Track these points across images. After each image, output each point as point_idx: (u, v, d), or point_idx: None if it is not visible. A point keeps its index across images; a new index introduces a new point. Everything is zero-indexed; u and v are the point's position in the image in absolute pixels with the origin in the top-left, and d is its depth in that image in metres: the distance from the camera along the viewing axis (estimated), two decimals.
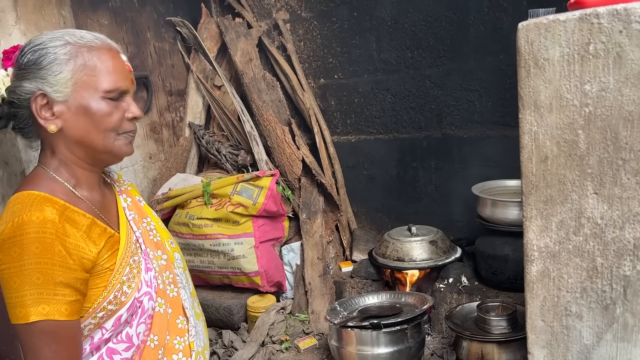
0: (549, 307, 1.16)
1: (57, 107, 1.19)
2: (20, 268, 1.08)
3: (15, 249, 1.09)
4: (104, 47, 1.23)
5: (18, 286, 1.08)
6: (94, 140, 1.22)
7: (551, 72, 1.10)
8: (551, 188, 1.13)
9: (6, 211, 1.16)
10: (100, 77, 1.20)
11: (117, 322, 1.22)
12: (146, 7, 2.69)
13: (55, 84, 1.18)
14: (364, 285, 2.47)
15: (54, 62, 1.18)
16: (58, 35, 1.21)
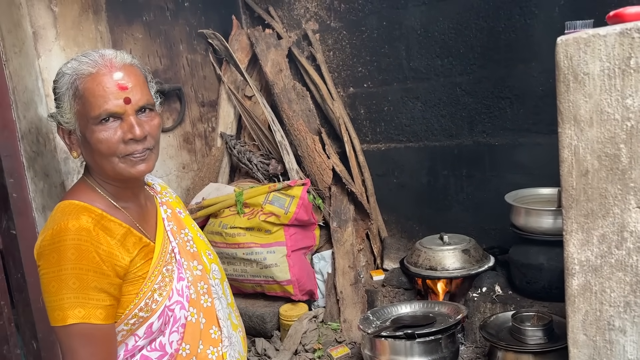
0: (591, 321, 1.16)
1: (72, 135, 1.24)
2: (58, 273, 1.13)
3: (54, 255, 1.14)
4: (95, 71, 1.21)
5: (56, 290, 1.13)
6: (101, 165, 1.24)
7: (591, 87, 1.10)
8: (592, 202, 1.13)
9: (50, 219, 1.22)
10: (87, 104, 1.20)
11: (148, 329, 1.25)
12: (179, 20, 2.74)
13: (63, 114, 1.22)
14: (395, 294, 2.47)
15: (59, 94, 1.23)
16: (63, 68, 1.24)
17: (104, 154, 1.21)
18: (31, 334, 2.26)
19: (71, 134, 1.24)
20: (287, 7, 3.01)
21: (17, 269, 2.23)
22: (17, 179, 2.22)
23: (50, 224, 1.18)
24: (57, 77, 1.25)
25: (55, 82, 1.24)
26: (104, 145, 1.21)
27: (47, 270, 1.15)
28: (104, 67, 1.20)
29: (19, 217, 2.21)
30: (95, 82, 1.20)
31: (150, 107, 1.24)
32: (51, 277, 1.14)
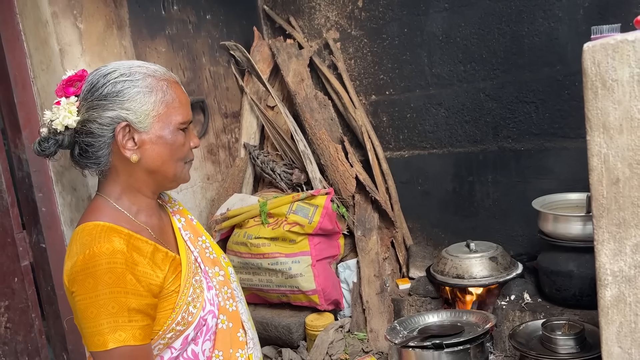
0: (626, 333, 1.13)
1: (138, 137, 1.23)
2: (96, 298, 1.13)
3: (89, 280, 1.13)
4: (172, 80, 1.28)
5: (95, 316, 1.13)
6: (168, 169, 1.27)
7: (620, 93, 1.08)
8: (624, 211, 1.10)
9: (75, 243, 1.20)
10: (174, 109, 1.25)
11: (184, 341, 1.27)
12: (201, 33, 2.77)
13: (139, 115, 1.22)
14: (422, 303, 2.45)
15: (139, 94, 1.22)
16: (134, 67, 1.25)
17: (178, 157, 1.28)
18: (62, 346, 2.30)
19: (135, 135, 1.23)
20: (308, 17, 3.02)
21: (47, 282, 2.27)
22: (45, 193, 2.26)
23: (80, 248, 1.17)
24: (128, 78, 1.23)
25: (124, 81, 1.22)
26: (184, 148, 1.28)
27: (83, 296, 1.14)
28: (175, 78, 1.30)
29: (48, 230, 2.25)
30: (179, 90, 1.28)
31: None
32: (88, 303, 1.13)
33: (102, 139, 1.23)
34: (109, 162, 1.25)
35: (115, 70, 1.24)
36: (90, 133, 1.22)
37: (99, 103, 1.22)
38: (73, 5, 2.19)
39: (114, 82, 1.22)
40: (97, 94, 1.22)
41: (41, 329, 2.24)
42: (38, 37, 2.17)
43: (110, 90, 1.22)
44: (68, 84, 1.27)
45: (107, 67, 1.26)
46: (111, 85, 1.22)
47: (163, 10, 2.59)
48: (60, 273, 2.28)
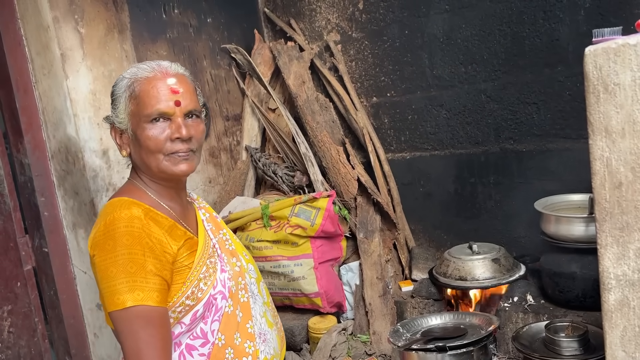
0: (630, 337, 1.13)
1: (124, 135, 1.37)
2: (115, 259, 1.21)
3: (109, 242, 1.22)
4: (151, 76, 1.34)
5: (114, 275, 1.20)
6: (148, 162, 1.34)
7: (622, 97, 1.08)
8: (627, 215, 1.10)
9: (100, 215, 1.30)
10: (142, 104, 1.32)
11: (194, 317, 1.32)
12: (202, 36, 2.77)
13: (118, 115, 1.35)
14: (425, 305, 2.45)
15: (116, 96, 1.36)
16: (127, 71, 1.38)
17: (151, 150, 1.32)
18: (65, 350, 2.30)
19: (123, 133, 1.36)
20: (309, 19, 3.02)
21: (49, 286, 2.28)
22: (48, 198, 2.26)
23: (102, 218, 1.27)
24: (116, 82, 1.38)
25: (114, 86, 1.37)
26: (152, 142, 1.32)
27: (103, 257, 1.22)
28: (159, 72, 1.34)
29: (51, 235, 2.26)
30: (151, 84, 1.33)
31: (197, 114, 1.37)
32: (109, 263, 1.21)
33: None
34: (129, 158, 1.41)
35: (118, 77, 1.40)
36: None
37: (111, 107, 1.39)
38: (74, 10, 2.19)
39: (112, 89, 1.38)
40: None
41: (44, 333, 2.24)
42: (39, 42, 2.17)
43: (112, 97, 1.38)
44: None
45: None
46: (112, 92, 1.38)
47: (164, 14, 2.59)
48: (63, 277, 2.28)
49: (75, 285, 2.32)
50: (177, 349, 1.32)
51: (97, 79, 2.25)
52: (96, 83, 2.25)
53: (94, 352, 2.35)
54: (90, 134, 2.22)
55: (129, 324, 1.19)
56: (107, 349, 2.33)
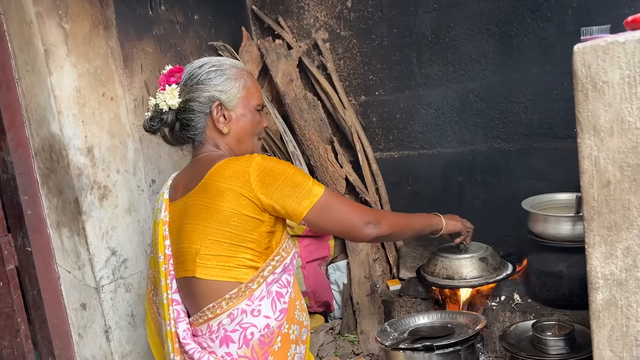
0: (618, 337, 1.13)
1: (228, 113, 1.59)
2: (295, 170, 1.50)
3: (278, 166, 1.48)
4: (249, 72, 1.67)
5: (302, 180, 1.48)
6: (248, 141, 1.64)
7: (611, 95, 1.07)
8: (615, 214, 1.10)
9: (227, 169, 1.48)
10: (253, 94, 1.63)
11: (283, 268, 1.53)
12: (189, 33, 2.74)
13: (229, 95, 1.58)
14: (413, 304, 2.44)
15: (228, 79, 1.58)
16: (223, 61, 1.63)
17: (254, 133, 1.65)
18: (48, 351, 2.27)
19: (226, 112, 1.59)
20: (297, 17, 3.00)
21: (33, 286, 2.24)
22: (31, 196, 2.23)
23: (243, 162, 1.48)
24: (220, 67, 1.59)
25: (217, 70, 1.59)
26: (258, 125, 1.66)
27: (284, 174, 1.47)
28: (249, 70, 1.69)
29: (34, 233, 2.22)
30: (254, 80, 1.67)
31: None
32: (293, 173, 1.48)
33: (201, 115, 1.59)
34: (205, 134, 1.61)
35: (207, 62, 1.61)
36: (192, 110, 1.59)
37: (198, 87, 1.58)
38: (58, 5, 2.15)
39: (208, 71, 1.58)
40: (195, 80, 1.59)
41: (27, 333, 2.21)
42: (22, 38, 2.13)
43: (206, 77, 1.58)
44: (170, 75, 1.63)
45: (199, 61, 1.63)
46: (206, 74, 1.58)
47: (150, 11, 2.56)
48: (46, 277, 2.25)
49: (59, 285, 2.29)
50: (269, 297, 1.49)
51: (81, 75, 2.22)
52: (81, 80, 2.21)
53: (78, 352, 2.32)
54: (75, 131, 2.19)
55: (334, 203, 1.50)
56: (91, 350, 2.30)
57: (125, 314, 2.31)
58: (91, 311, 2.26)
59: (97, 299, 2.23)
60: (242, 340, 1.46)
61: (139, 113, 2.44)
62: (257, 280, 1.48)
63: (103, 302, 2.24)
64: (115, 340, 2.27)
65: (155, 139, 2.49)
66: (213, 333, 1.48)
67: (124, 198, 2.32)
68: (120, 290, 2.30)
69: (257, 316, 1.47)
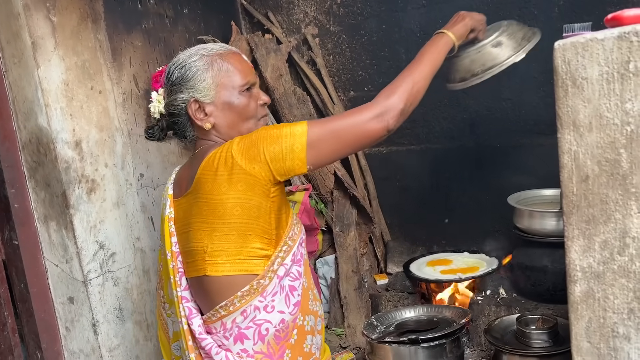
0: (595, 328, 1.15)
1: (208, 108, 1.50)
2: (266, 129, 1.41)
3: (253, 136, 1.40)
4: (229, 52, 1.53)
5: (277, 130, 1.39)
6: (242, 128, 1.52)
7: (590, 91, 1.09)
8: (593, 208, 1.12)
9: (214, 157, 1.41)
10: (233, 76, 1.50)
11: (293, 258, 1.48)
12: (178, 27, 2.73)
13: (202, 90, 1.49)
14: (399, 299, 2.46)
15: (197, 73, 1.49)
16: (193, 51, 1.53)
17: (248, 116, 1.53)
18: (35, 345, 2.27)
19: (205, 107, 1.50)
20: (287, 12, 3.00)
21: (20, 279, 2.24)
22: (18, 190, 2.22)
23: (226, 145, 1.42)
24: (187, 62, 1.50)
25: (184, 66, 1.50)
26: (251, 107, 1.52)
27: (257, 134, 1.40)
28: (231, 50, 1.54)
29: (21, 227, 2.21)
30: (235, 59, 1.52)
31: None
32: (267, 131, 1.39)
33: (182, 116, 1.54)
34: (193, 134, 1.57)
35: (179, 58, 1.54)
36: (173, 114, 1.56)
37: (173, 88, 1.53)
38: None
39: (178, 68, 1.51)
40: (170, 81, 1.53)
41: (14, 327, 2.21)
42: (9, 30, 2.12)
43: (177, 75, 1.51)
44: (155, 79, 1.66)
45: (173, 59, 1.55)
46: (177, 71, 1.51)
47: (139, 4, 2.55)
48: (33, 270, 2.25)
49: (47, 279, 2.29)
50: (282, 292, 1.46)
51: (69, 69, 2.21)
52: (69, 73, 2.21)
53: (65, 346, 2.32)
54: (63, 125, 2.18)
55: (320, 128, 1.40)
56: (78, 343, 2.30)
57: (113, 308, 2.31)
58: (79, 305, 2.26)
59: (85, 293, 2.23)
60: (257, 337, 1.44)
61: (128, 107, 2.43)
62: (268, 275, 1.44)
63: (91, 296, 2.24)
64: (102, 334, 2.27)
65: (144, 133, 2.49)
66: (227, 331, 1.45)
67: (112, 192, 2.32)
68: (108, 284, 2.30)
69: (270, 312, 1.44)
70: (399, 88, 1.52)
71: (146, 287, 2.42)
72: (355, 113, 1.47)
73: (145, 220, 2.46)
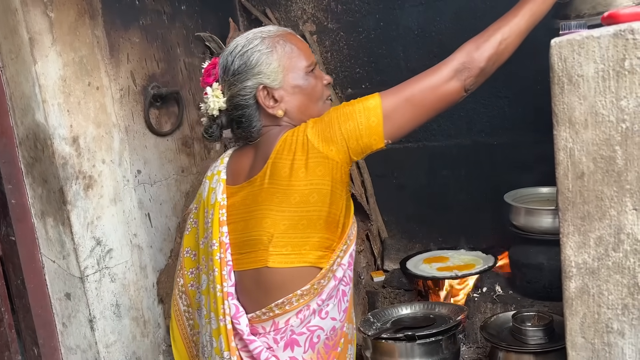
0: (589, 323, 1.16)
1: (277, 93, 1.41)
2: (337, 108, 1.37)
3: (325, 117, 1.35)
4: (287, 33, 1.46)
5: (349, 106, 1.36)
6: (312, 110, 1.44)
7: (586, 89, 1.10)
8: (588, 204, 1.12)
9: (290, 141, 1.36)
10: (298, 57, 1.42)
11: (349, 258, 1.44)
12: (175, 23, 2.74)
13: (270, 74, 1.40)
14: (396, 296, 2.47)
15: (261, 57, 1.39)
16: (250, 36, 1.44)
17: (317, 97, 1.45)
18: (32, 340, 2.27)
19: (274, 93, 1.41)
20: (284, 9, 3.00)
21: (17, 275, 2.24)
22: (15, 185, 2.22)
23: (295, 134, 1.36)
24: (249, 48, 1.40)
25: (245, 52, 1.40)
26: (318, 88, 1.45)
27: (329, 115, 1.34)
28: (287, 31, 1.47)
29: (18, 223, 2.22)
30: (296, 38, 1.45)
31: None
32: (339, 110, 1.35)
33: (249, 107, 1.43)
34: (261, 125, 1.45)
35: (237, 45, 1.43)
36: (239, 106, 1.43)
37: (236, 78, 1.41)
38: None
39: (239, 55, 1.41)
40: (231, 72, 1.42)
41: (11, 322, 2.21)
42: (7, 26, 2.13)
43: (239, 63, 1.41)
44: (207, 74, 1.50)
45: (230, 46, 1.46)
46: (238, 59, 1.41)
47: (137, 0, 2.55)
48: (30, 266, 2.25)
49: (44, 275, 2.29)
50: (337, 297, 1.42)
51: (67, 65, 2.21)
52: (66, 69, 2.21)
53: (62, 342, 2.32)
54: (60, 120, 2.18)
55: (395, 97, 1.37)
56: (75, 339, 2.30)
57: (110, 304, 2.31)
58: (75, 301, 2.26)
59: (82, 289, 2.23)
60: (308, 344, 1.39)
61: (125, 103, 2.44)
62: (327, 275, 1.38)
63: (87, 292, 2.24)
64: (99, 330, 2.28)
65: (141, 130, 2.50)
66: (279, 332, 1.38)
67: (109, 188, 2.32)
68: (105, 280, 2.30)
69: (324, 318, 1.40)
70: (483, 43, 1.40)
71: (143, 284, 2.43)
72: (430, 74, 1.40)
73: (143, 217, 2.47)
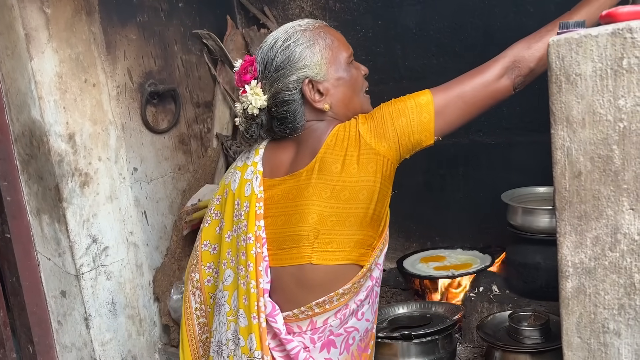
0: (586, 323, 1.15)
1: (322, 86, 1.38)
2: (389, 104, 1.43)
3: (377, 113, 1.40)
4: (323, 25, 1.44)
5: (401, 102, 1.40)
6: (355, 103, 1.44)
7: (583, 88, 1.09)
8: (585, 204, 1.12)
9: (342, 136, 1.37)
10: (338, 48, 1.40)
11: (383, 257, 1.43)
12: (173, 20, 2.73)
13: (314, 67, 1.37)
14: (393, 295, 2.47)
15: (304, 50, 1.36)
16: (289, 30, 1.40)
17: (359, 89, 1.45)
18: (27, 338, 2.26)
19: (319, 86, 1.38)
20: (282, 7, 2.99)
21: (12, 273, 2.23)
22: (11, 182, 2.21)
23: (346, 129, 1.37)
24: (290, 42, 1.37)
25: (288, 46, 1.36)
26: (359, 79, 1.45)
27: (381, 111, 1.39)
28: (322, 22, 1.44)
29: (14, 220, 2.21)
30: (332, 31, 1.42)
31: None
32: (391, 105, 1.40)
33: (294, 103, 1.39)
34: (304, 119, 1.42)
35: (276, 40, 1.39)
36: (284, 102, 1.39)
37: (280, 73, 1.37)
38: None
39: (281, 50, 1.37)
40: (273, 68, 1.37)
41: (6, 320, 2.20)
42: (2, 22, 2.12)
43: (282, 58, 1.36)
44: (244, 72, 1.43)
45: (267, 42, 1.41)
46: (280, 55, 1.37)
47: None
48: (25, 264, 2.24)
49: (39, 272, 2.28)
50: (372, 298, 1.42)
51: (63, 61, 2.20)
52: (62, 66, 2.20)
53: (57, 340, 2.32)
54: (56, 117, 2.17)
55: (446, 93, 1.38)
56: (71, 337, 2.30)
57: (105, 302, 2.30)
58: (71, 299, 2.26)
59: (77, 287, 2.23)
60: (343, 346, 1.37)
61: (122, 100, 2.43)
62: (366, 274, 1.36)
63: (83, 290, 2.24)
64: (95, 328, 2.27)
65: (138, 127, 2.49)
66: (317, 332, 1.34)
67: (105, 185, 2.32)
68: (101, 278, 2.29)
69: (360, 319, 1.39)
70: (535, 43, 1.42)
71: (139, 282, 2.42)
72: (481, 71, 1.42)
73: (139, 215, 2.46)
